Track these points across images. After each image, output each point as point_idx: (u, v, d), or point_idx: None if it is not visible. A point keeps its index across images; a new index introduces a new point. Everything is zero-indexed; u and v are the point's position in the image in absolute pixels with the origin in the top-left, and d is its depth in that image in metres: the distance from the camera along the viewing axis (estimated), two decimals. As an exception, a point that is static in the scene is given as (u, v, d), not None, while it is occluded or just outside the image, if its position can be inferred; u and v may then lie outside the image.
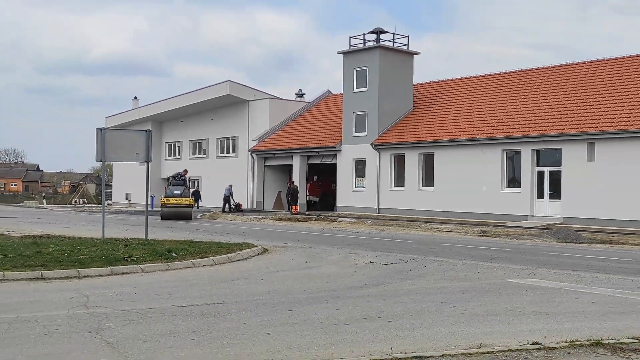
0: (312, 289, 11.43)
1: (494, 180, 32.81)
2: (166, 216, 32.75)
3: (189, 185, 39.00)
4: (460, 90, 39.95)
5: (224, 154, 50.19)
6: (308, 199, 43.27)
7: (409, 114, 39.57)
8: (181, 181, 35.75)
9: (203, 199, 46.26)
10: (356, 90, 39.81)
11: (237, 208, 42.83)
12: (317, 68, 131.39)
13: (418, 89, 41.66)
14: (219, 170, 49.00)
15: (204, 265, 14.44)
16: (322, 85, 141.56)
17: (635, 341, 7.27)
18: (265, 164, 46.69)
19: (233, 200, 43.29)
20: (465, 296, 10.69)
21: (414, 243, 21.02)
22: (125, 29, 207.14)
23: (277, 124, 47.20)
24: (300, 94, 53.39)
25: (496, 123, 33.92)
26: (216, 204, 44.56)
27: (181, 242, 17.78)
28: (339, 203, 40.67)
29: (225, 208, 42.36)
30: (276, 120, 47.25)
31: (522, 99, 35.08)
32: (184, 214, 33.00)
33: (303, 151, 43.00)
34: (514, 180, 32.50)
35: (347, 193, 40.14)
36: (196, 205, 43.91)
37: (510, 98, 35.83)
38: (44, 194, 69.58)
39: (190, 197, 35.77)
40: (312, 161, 43.46)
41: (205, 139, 51.72)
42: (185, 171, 39.62)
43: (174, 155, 55.08)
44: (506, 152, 32.67)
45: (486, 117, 34.98)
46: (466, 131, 34.66)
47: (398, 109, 39.35)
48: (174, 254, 15.05)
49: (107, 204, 53.81)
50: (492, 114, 35.09)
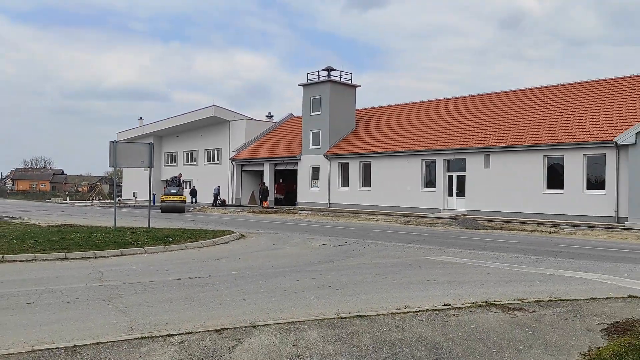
0: (278, 265, 11.38)
1: (415, 182, 33.17)
2: (165, 210, 33.17)
3: (183, 186, 38.57)
4: (390, 114, 40.26)
5: (210, 161, 49.57)
6: (276, 197, 43.04)
7: (352, 132, 39.72)
8: (177, 182, 36.20)
9: (189, 197, 45.67)
10: (312, 114, 39.79)
11: (223, 203, 42.70)
12: (282, 96, 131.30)
13: (359, 113, 41.83)
14: (206, 175, 48.39)
15: (194, 248, 14.24)
16: (286, 110, 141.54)
17: (519, 302, 7.42)
18: (242, 170, 46.26)
19: (220, 198, 43.12)
20: (394, 269, 10.76)
21: (356, 230, 21.10)
22: (133, 64, 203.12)
23: (251, 139, 46.86)
24: (270, 116, 53.04)
25: (417, 139, 34.30)
26: (205, 200, 44.07)
27: (176, 230, 17.50)
28: (299, 199, 40.55)
29: (216, 204, 42.24)
30: (251, 136, 46.95)
31: (437, 121, 35.57)
32: (179, 208, 33.45)
33: (272, 160, 42.76)
34: (430, 182, 32.89)
35: (305, 192, 40.06)
36: (194, 200, 43.39)
37: (428, 120, 36.28)
38: (67, 193, 67.51)
39: (184, 195, 35.60)
40: (278, 167, 43.22)
41: (196, 149, 51.00)
42: (180, 174, 40.27)
43: (171, 163, 54.13)
44: (425, 161, 33.05)
45: (410, 135, 35.34)
46: (395, 145, 34.96)
47: (344, 128, 39.49)
48: (171, 239, 14.80)
49: (118, 200, 52.67)
50: (414, 132, 35.47)
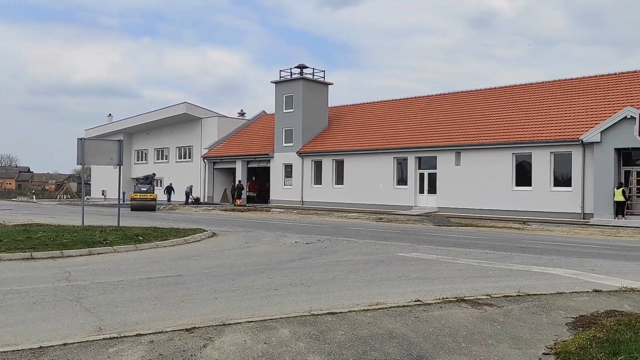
0: (251, 263, 11.33)
1: (388, 180, 33.42)
2: (135, 208, 32.81)
3: (154, 184, 38.15)
4: (363, 112, 40.45)
5: (181, 159, 48.99)
6: (248, 194, 42.80)
7: (325, 130, 39.77)
8: (149, 181, 36.02)
9: (163, 195, 45.06)
10: (285, 111, 39.69)
11: (197, 202, 42.47)
12: (255, 93, 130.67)
13: (332, 111, 41.91)
14: (177, 172, 47.79)
15: (165, 246, 14.07)
16: (259, 107, 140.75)
17: (488, 297, 7.55)
18: (214, 167, 45.86)
19: (192, 196, 42.86)
20: (366, 266, 10.82)
21: (328, 227, 21.14)
22: (103, 60, 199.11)
23: (223, 136, 46.50)
24: (242, 114, 52.67)
25: (390, 137, 34.55)
26: (179, 198, 43.59)
27: (147, 228, 17.24)
28: (272, 197, 40.43)
29: (188, 202, 41.89)
30: (223, 133, 46.58)
31: (408, 119, 35.88)
32: (149, 206, 33.17)
33: (244, 157, 42.50)
34: (402, 180, 33.17)
35: (278, 189, 39.96)
36: (169, 197, 42.90)
37: (400, 118, 36.57)
38: (33, 191, 65.90)
39: (155, 193, 35.25)
40: (251, 165, 42.99)
41: (167, 147, 50.33)
42: (154, 174, 40.25)
43: (142, 160, 53.31)
44: (396, 159, 33.32)
45: (382, 133, 35.57)
46: (368, 143, 35.14)
47: (317, 125, 39.51)
48: (141, 238, 14.59)
49: (87, 198, 51.64)
50: (386, 130, 35.72)
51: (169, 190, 43.22)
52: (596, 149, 24.83)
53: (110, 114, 56.84)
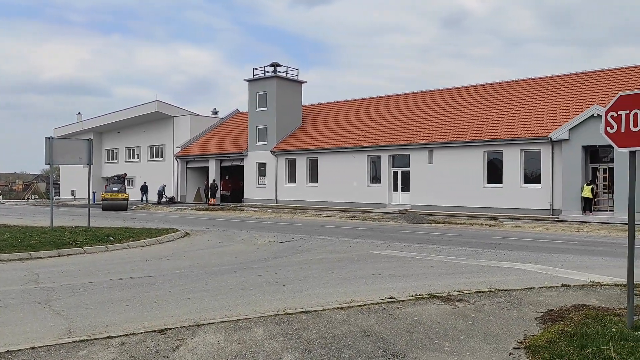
0: (224, 262, 11.25)
1: (362, 178, 33.58)
2: (106, 207, 32.56)
3: (126, 184, 37.67)
4: (337, 111, 40.56)
5: (153, 158, 48.35)
6: (222, 193, 42.52)
7: (299, 128, 39.74)
8: (120, 180, 35.61)
9: (137, 194, 44.46)
10: (258, 110, 39.53)
11: (171, 201, 42.26)
12: (228, 92, 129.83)
13: (305, 109, 41.90)
14: (149, 172, 47.15)
15: (137, 247, 13.88)
16: (232, 105, 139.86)
17: (460, 293, 7.65)
18: (187, 166, 45.40)
19: (166, 195, 42.58)
20: (340, 264, 10.86)
21: (303, 226, 21.14)
22: (72, 58, 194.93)
23: (196, 135, 46.06)
24: (215, 112, 52.28)
25: (363, 135, 34.72)
26: (152, 197, 43.02)
27: (118, 229, 16.98)
28: (246, 196, 40.23)
29: (160, 201, 41.57)
30: (196, 132, 46.15)
31: (382, 117, 36.11)
32: (120, 206, 32.94)
33: (217, 156, 42.19)
34: (376, 178, 33.38)
35: (252, 188, 39.78)
36: (145, 197, 42.38)
37: (373, 117, 36.78)
38: (0, 192, 64.26)
39: (127, 193, 34.90)
40: (224, 164, 42.70)
41: (138, 146, 49.62)
42: (125, 174, 39.89)
43: (112, 160, 52.42)
44: (370, 157, 33.51)
45: (356, 131, 35.72)
46: (341, 141, 35.25)
47: (291, 124, 39.46)
48: (112, 238, 14.36)
49: (56, 199, 50.56)
50: (360, 128, 35.88)
51: (144, 189, 42.69)
52: (564, 146, 25.39)
53: (80, 113, 55.69)
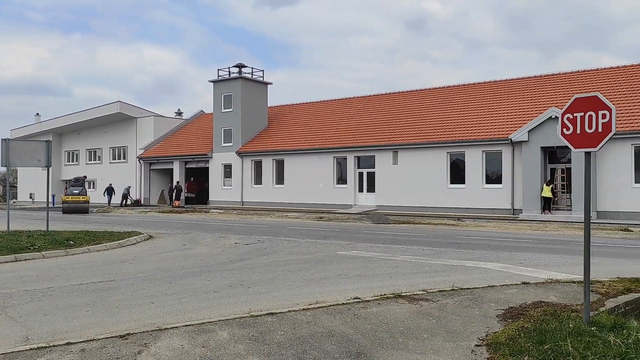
0: (189, 265, 11.10)
1: (328, 179, 33.68)
2: (67, 210, 31.85)
3: (86, 187, 36.85)
4: (303, 112, 40.59)
5: (115, 160, 47.37)
6: (186, 195, 41.99)
7: (265, 129, 39.60)
8: (80, 183, 34.89)
9: (98, 197, 43.53)
10: (224, 111, 39.21)
11: (137, 204, 41.71)
12: (192, 92, 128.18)
13: (271, 110, 41.79)
14: (111, 174, 46.16)
15: (98, 250, 13.57)
16: (197, 106, 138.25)
17: (424, 292, 7.74)
18: (150, 168, 44.65)
19: (131, 197, 41.94)
20: (306, 266, 10.85)
21: (269, 227, 21.04)
22: (30, 57, 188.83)
23: (160, 136, 45.36)
24: (179, 113, 51.60)
25: (329, 137, 34.83)
26: (117, 200, 42.19)
27: (78, 232, 16.56)
28: (211, 198, 39.83)
29: (123, 204, 40.91)
30: (159, 133, 45.45)
31: (348, 119, 36.31)
32: (81, 209, 32.30)
33: (182, 158, 41.65)
34: (342, 179, 33.53)
35: (217, 190, 39.42)
36: (111, 199, 41.52)
37: (339, 118, 36.95)
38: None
39: (88, 195, 34.16)
40: (189, 165, 42.19)
41: (100, 147, 48.54)
42: (85, 176, 39.25)
43: (73, 162, 51.11)
44: (336, 158, 33.65)
45: (322, 132, 35.82)
46: (307, 142, 35.28)
47: (256, 125, 39.29)
48: (72, 242, 13.99)
49: (13, 202, 48.94)
50: (326, 130, 35.99)
51: (109, 191, 41.85)
52: (524, 147, 26.04)
53: (38, 114, 54.19)
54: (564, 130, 6.30)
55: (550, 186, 25.27)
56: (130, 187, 42.53)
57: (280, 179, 36.22)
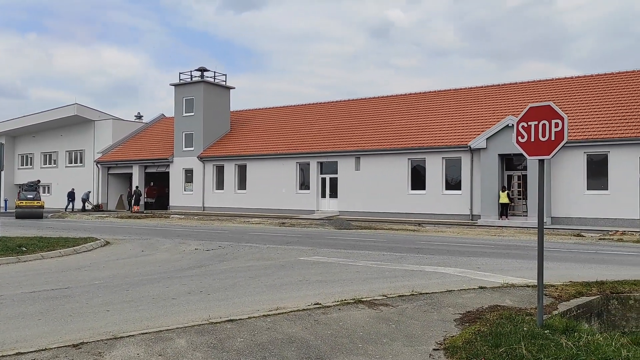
0: (147, 272, 10.88)
1: (290, 184, 33.64)
2: (20, 215, 30.92)
3: (40, 191, 35.66)
4: (266, 117, 40.46)
5: (72, 164, 46.05)
6: (146, 200, 41.17)
7: (227, 134, 39.28)
8: (33, 187, 33.88)
9: (53, 202, 42.28)
10: (185, 115, 38.70)
11: (97, 208, 40.78)
12: (153, 96, 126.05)
13: (234, 115, 41.50)
14: (67, 178, 44.81)
15: (52, 257, 13.15)
16: (157, 110, 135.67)
17: (384, 297, 7.81)
18: (109, 173, 43.59)
19: (90, 202, 40.99)
20: (267, 272, 10.79)
21: (230, 233, 20.85)
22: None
23: (119, 140, 44.37)
24: (139, 116, 50.59)
25: (292, 142, 34.82)
26: (79, 205, 41.10)
27: (31, 238, 15.99)
28: (171, 203, 39.18)
29: (83, 208, 39.92)
30: (118, 137, 44.46)
31: (311, 124, 36.39)
32: (36, 214, 31.44)
33: (141, 162, 40.84)
34: (305, 185, 33.54)
35: (178, 195, 38.81)
36: (72, 204, 40.31)
37: (302, 124, 36.99)
38: None
39: (42, 200, 33.16)
40: (149, 170, 41.40)
41: (56, 151, 47.09)
42: (38, 180, 38.19)
43: (27, 165, 49.41)
44: (299, 164, 33.65)
45: (285, 138, 35.77)
46: (270, 148, 35.17)
47: (218, 129, 38.93)
48: (24, 248, 13.52)
49: (-38, 207, 46.93)
50: (289, 135, 35.96)
51: (71, 196, 40.64)
52: (482, 154, 26.66)
53: (-10, 115, 52.20)
54: (519, 138, 6.48)
55: (505, 192, 25.94)
56: (90, 192, 41.53)
57: (242, 184, 35.96)
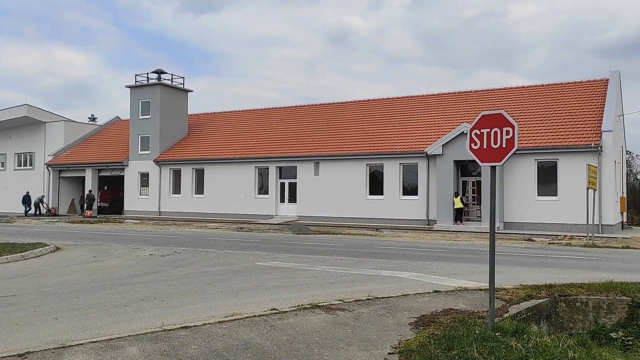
0: (99, 279, 10.57)
1: (249, 189, 33.40)
2: None
3: None
4: (224, 121, 40.08)
5: (21, 167, 44.36)
6: (99, 205, 40.06)
7: (185, 138, 38.70)
8: None
9: (2, 206, 40.73)
10: (141, 117, 37.92)
11: (50, 213, 39.65)
12: (107, 98, 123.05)
13: (192, 118, 40.93)
14: (16, 181, 43.16)
15: (-2, 264, 12.60)
16: (112, 112, 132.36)
17: (341, 302, 7.83)
18: (60, 176, 42.20)
19: (46, 206, 39.81)
20: (223, 277, 10.67)
21: (187, 238, 20.52)
22: None
23: (71, 142, 43.05)
24: (93, 119, 49.27)
25: (251, 146, 34.61)
26: (13, 209, 39.50)
27: (-24, 244, 15.32)
28: (126, 207, 38.25)
29: (36, 212, 38.79)
30: (71, 139, 43.13)
31: (270, 129, 36.28)
32: None
33: (95, 165, 39.73)
34: (263, 189, 33.37)
35: (133, 199, 37.93)
36: (28, 208, 38.78)
37: (261, 128, 36.83)
38: None
39: None
40: (103, 173, 40.31)
41: (4, 153, 45.25)
42: None
43: (-28, 168, 47.34)
44: (258, 168, 33.46)
45: (244, 142, 35.52)
46: (229, 152, 34.86)
47: (176, 133, 38.32)
48: (-33, 255, 12.92)
49: None
50: (248, 139, 35.73)
51: (26, 200, 39.12)
52: (438, 160, 27.19)
53: None
54: (472, 145, 6.64)
55: (459, 197, 26.53)
56: (44, 196, 40.34)
57: (200, 188, 35.48)
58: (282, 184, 32.68)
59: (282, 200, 32.60)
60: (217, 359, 5.23)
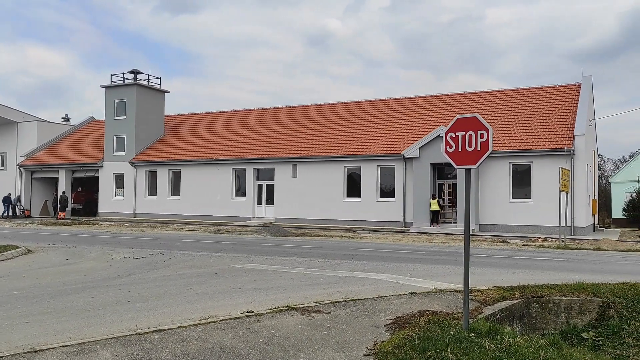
0: (71, 281, 10.38)
1: (226, 191, 33.20)
2: None
3: None
4: (202, 122, 39.79)
5: (-8, 167, 43.42)
6: (73, 206, 39.35)
7: (161, 139, 38.30)
8: None
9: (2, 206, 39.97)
10: (116, 118, 37.42)
11: (24, 214, 39.03)
12: (82, 98, 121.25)
13: (168, 119, 40.54)
14: (-13, 182, 42.22)
15: (-34, 267, 12.28)
16: (87, 112, 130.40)
17: (317, 304, 7.83)
18: (32, 177, 41.36)
19: (21, 207, 39.20)
20: (199, 280, 10.57)
21: (162, 240, 20.28)
22: None
23: (44, 143, 42.24)
24: (67, 119, 48.42)
25: (229, 148, 34.42)
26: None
27: (-57, 247, 14.91)
28: (101, 209, 37.67)
29: (8, 213, 38.34)
30: (44, 139, 42.32)
31: (247, 130, 36.13)
32: None
33: (68, 166, 39.05)
34: (241, 191, 33.21)
35: (108, 201, 37.38)
36: (10, 209, 37.92)
37: (239, 130, 36.66)
38: None
39: None
40: (77, 175, 39.63)
41: (-26, 153, 44.24)
42: None
43: (-60, 168, 46.10)
44: (235, 170, 33.29)
45: (221, 143, 35.31)
46: (206, 153, 34.61)
47: (152, 134, 37.89)
48: None
49: None
50: (225, 141, 35.53)
51: (7, 201, 38.22)
52: (415, 163, 27.41)
53: None
54: (447, 148, 6.71)
55: (436, 200, 26.78)
56: (20, 196, 39.62)
57: (176, 190, 35.15)
58: (260, 186, 32.56)
59: (260, 202, 32.48)
60: (191, 362, 5.18)
